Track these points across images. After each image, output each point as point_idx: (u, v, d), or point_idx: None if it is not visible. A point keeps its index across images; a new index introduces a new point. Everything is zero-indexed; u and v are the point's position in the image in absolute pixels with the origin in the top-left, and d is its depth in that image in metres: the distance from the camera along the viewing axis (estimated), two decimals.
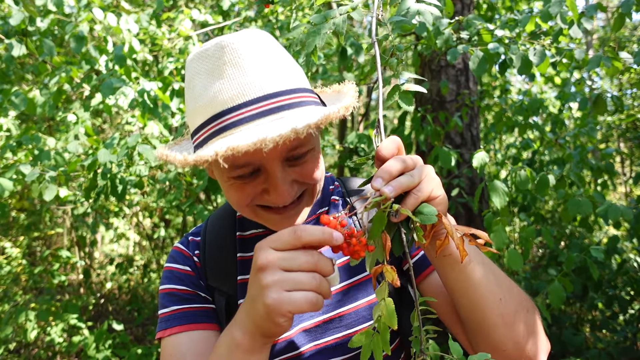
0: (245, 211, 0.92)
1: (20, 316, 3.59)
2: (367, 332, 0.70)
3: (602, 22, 10.84)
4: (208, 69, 0.85)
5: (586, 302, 3.79)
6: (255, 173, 0.86)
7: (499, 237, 1.99)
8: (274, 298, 0.68)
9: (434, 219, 0.72)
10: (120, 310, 5.71)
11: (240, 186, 0.87)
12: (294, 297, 0.68)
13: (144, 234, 6.09)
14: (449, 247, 0.80)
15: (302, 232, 0.69)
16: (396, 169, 0.73)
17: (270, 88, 0.81)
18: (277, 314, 0.68)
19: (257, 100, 0.80)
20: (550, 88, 5.85)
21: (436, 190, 0.75)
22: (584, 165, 3.04)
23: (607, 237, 4.65)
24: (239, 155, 0.72)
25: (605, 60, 1.91)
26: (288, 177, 0.86)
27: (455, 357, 0.67)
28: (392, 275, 0.69)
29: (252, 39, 0.85)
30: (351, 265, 0.78)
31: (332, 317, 0.99)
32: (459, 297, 0.86)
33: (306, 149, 0.86)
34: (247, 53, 0.83)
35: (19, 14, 2.46)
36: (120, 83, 2.52)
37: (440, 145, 3.12)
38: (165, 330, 0.99)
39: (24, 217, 5.35)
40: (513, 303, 0.87)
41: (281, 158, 0.84)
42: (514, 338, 0.87)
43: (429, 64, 3.66)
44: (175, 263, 1.08)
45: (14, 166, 2.50)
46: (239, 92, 0.80)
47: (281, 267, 0.69)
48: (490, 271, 0.86)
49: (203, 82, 0.85)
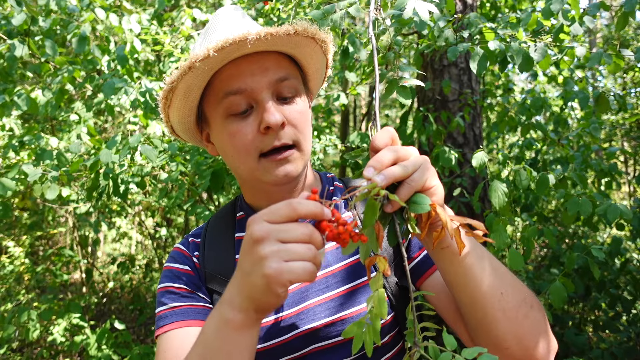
0: (249, 159, 0.96)
1: (22, 315, 3.60)
2: (359, 323, 0.70)
3: (606, 21, 10.79)
4: (201, 38, 1.04)
5: (589, 303, 3.77)
6: (249, 110, 0.95)
7: (499, 237, 1.98)
8: (274, 268, 0.68)
9: (427, 208, 0.71)
10: (123, 310, 5.72)
11: (237, 128, 0.95)
12: (293, 267, 0.68)
13: (146, 233, 6.10)
14: (446, 239, 0.79)
15: (297, 205, 0.70)
16: (388, 158, 0.73)
17: (256, 29, 0.91)
18: (278, 283, 0.68)
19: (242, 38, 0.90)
20: (553, 87, 5.83)
21: (430, 181, 0.75)
22: (588, 166, 3.01)
23: (610, 237, 4.63)
24: (226, 45, 0.86)
25: (606, 57, 1.89)
26: (278, 107, 0.95)
27: (449, 350, 0.65)
28: (384, 265, 0.69)
29: (238, 8, 1.06)
30: (343, 254, 0.79)
31: (334, 320, 0.99)
32: (459, 291, 0.85)
33: (292, 87, 0.98)
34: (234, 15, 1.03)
35: (21, 14, 2.47)
36: (122, 83, 2.53)
37: (442, 144, 3.12)
38: (164, 326, 0.99)
39: (27, 217, 5.37)
40: (515, 298, 0.85)
41: (270, 88, 0.94)
42: (517, 334, 0.84)
43: (431, 64, 3.65)
44: (174, 263, 1.09)
45: (16, 166, 2.51)
46: (228, 35, 0.90)
47: (278, 239, 0.69)
48: (490, 265, 0.84)
49: (196, 46, 1.02)
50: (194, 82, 0.93)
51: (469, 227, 0.76)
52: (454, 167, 2.73)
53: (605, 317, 3.78)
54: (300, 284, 1.02)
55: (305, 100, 1.03)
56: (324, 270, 1.03)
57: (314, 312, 1.00)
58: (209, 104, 0.99)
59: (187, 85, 0.93)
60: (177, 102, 0.97)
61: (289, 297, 1.01)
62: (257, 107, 0.95)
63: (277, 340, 0.98)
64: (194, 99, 0.99)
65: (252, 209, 1.10)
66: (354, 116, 7.58)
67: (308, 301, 1.01)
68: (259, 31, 0.87)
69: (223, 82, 0.94)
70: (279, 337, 0.98)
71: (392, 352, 1.04)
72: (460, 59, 3.59)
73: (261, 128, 0.93)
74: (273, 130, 0.93)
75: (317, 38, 0.97)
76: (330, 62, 1.08)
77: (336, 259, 1.05)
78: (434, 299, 1.00)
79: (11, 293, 4.42)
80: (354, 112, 7.50)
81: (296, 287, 1.02)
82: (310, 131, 1.03)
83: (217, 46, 0.86)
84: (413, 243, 1.07)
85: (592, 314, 4.07)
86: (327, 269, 1.03)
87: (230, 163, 1.02)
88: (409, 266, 1.05)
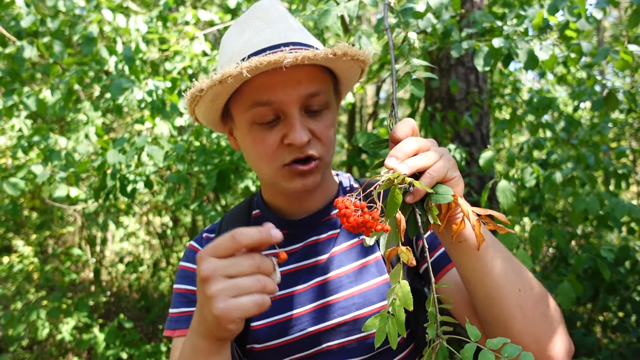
0: (270, 168, 0.96)
1: (32, 314, 3.63)
2: (381, 315, 0.68)
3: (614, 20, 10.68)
4: (239, 29, 0.97)
5: (598, 303, 3.74)
6: (275, 121, 0.93)
7: (507, 237, 1.97)
8: (220, 308, 0.68)
9: (449, 198, 0.70)
10: (131, 308, 5.76)
11: (261, 137, 0.93)
12: (241, 303, 0.69)
13: (153, 232, 6.14)
14: (464, 232, 0.77)
15: (240, 236, 0.70)
16: (411, 148, 0.72)
17: (295, 39, 0.91)
18: (227, 321, 0.69)
19: (284, 45, 0.89)
20: (561, 86, 5.78)
21: (452, 172, 0.74)
22: (600, 166, 2.98)
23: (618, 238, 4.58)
24: (261, 66, 0.82)
25: (613, 53, 1.87)
26: (305, 122, 0.93)
27: (474, 341, 0.63)
28: (407, 255, 0.67)
29: (277, 3, 0.99)
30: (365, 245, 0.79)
31: (346, 320, 0.99)
32: (476, 287, 0.83)
33: (322, 102, 0.94)
34: (273, 11, 0.96)
35: (30, 16, 2.49)
36: (129, 84, 2.54)
37: (448, 143, 3.10)
38: (174, 330, 1.02)
39: (36, 216, 5.42)
40: (533, 296, 0.83)
41: (299, 102, 0.91)
42: (534, 333, 0.82)
43: (438, 63, 3.64)
44: (188, 262, 1.09)
45: (25, 166, 2.53)
46: (267, 38, 0.90)
47: (224, 275, 0.69)
48: (509, 261, 0.82)
49: (234, 39, 0.96)
50: (223, 90, 0.91)
51: (490, 218, 0.74)
52: (462, 166, 2.71)
53: (614, 318, 3.74)
54: (313, 282, 1.02)
55: (334, 111, 1.01)
56: (337, 271, 1.03)
57: (325, 312, 1.00)
58: (236, 106, 0.97)
59: (216, 93, 0.92)
60: (203, 104, 0.96)
61: (301, 296, 1.01)
62: (284, 119, 0.93)
63: (287, 338, 0.99)
64: (221, 102, 0.97)
65: (269, 207, 1.10)
66: (360, 115, 7.57)
67: (320, 300, 1.01)
68: (296, 55, 0.83)
69: (252, 90, 0.91)
70: (289, 335, 0.99)
71: (403, 353, 1.04)
72: (467, 58, 3.57)
73: (285, 142, 0.92)
74: (297, 147, 0.93)
75: (356, 59, 0.93)
76: (365, 71, 1.04)
77: (349, 259, 1.05)
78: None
79: (21, 291, 4.46)
80: (360, 112, 7.49)
81: (308, 285, 1.03)
82: (334, 141, 1.01)
83: (250, 66, 0.82)
84: (428, 242, 1.07)
85: (601, 314, 4.04)
86: (340, 269, 1.03)
87: (251, 163, 1.02)
88: (422, 267, 1.05)
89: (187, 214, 5.78)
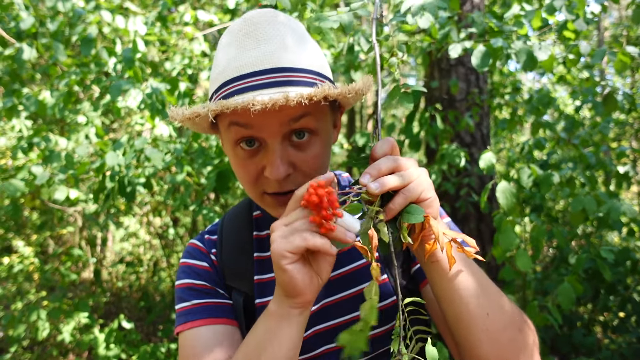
0: (253, 193, 0.94)
1: (32, 315, 3.64)
2: (351, 330, 0.72)
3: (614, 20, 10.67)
4: (229, 41, 0.88)
5: (598, 303, 3.73)
6: (256, 145, 0.86)
7: (507, 237, 1.97)
8: (274, 247, 0.74)
9: (420, 218, 0.73)
10: (132, 309, 5.76)
11: (243, 163, 0.89)
12: (290, 238, 0.74)
13: (153, 233, 6.14)
14: (437, 253, 0.79)
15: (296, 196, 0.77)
16: (386, 166, 0.75)
17: (283, 62, 0.82)
18: (279, 255, 0.73)
19: (267, 72, 0.82)
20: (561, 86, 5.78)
21: (426, 192, 0.76)
22: (602, 166, 2.97)
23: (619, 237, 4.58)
24: (227, 112, 0.78)
25: (610, 55, 1.87)
26: (286, 155, 0.86)
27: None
28: (377, 272, 0.73)
29: (275, 15, 0.88)
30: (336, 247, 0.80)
31: (347, 320, 1.00)
32: (445, 306, 0.85)
33: (308, 126, 0.85)
34: (266, 27, 0.86)
35: (29, 18, 2.49)
36: (129, 85, 2.54)
37: (449, 144, 3.10)
38: (187, 323, 0.98)
39: (37, 217, 5.42)
40: (502, 320, 0.84)
41: (280, 133, 0.83)
42: (500, 357, 0.83)
43: (438, 63, 3.63)
44: (192, 259, 1.08)
45: (25, 167, 2.53)
46: (251, 61, 0.83)
47: (282, 224, 0.76)
48: (479, 284, 0.83)
49: (223, 53, 0.89)
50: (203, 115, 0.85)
51: (461, 243, 0.77)
52: (461, 167, 2.71)
53: (614, 318, 3.74)
54: None
55: (327, 133, 0.91)
56: (339, 270, 1.03)
57: (327, 312, 1.00)
58: (220, 121, 0.91)
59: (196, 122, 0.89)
60: (187, 124, 0.92)
61: None
62: (265, 148, 0.86)
63: None
64: (204, 124, 0.94)
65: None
66: (360, 116, 7.57)
67: (323, 301, 1.01)
68: (264, 102, 0.75)
69: (232, 111, 0.82)
70: None
71: None
72: (467, 58, 3.57)
73: (265, 174, 0.88)
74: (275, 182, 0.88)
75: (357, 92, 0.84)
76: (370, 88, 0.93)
77: (351, 259, 1.05)
78: (428, 306, 1.01)
79: (21, 292, 4.47)
80: (360, 112, 7.49)
81: None
82: (326, 167, 0.94)
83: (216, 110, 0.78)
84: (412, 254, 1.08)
85: (601, 315, 4.04)
86: (342, 269, 1.04)
87: (237, 178, 1.02)
88: (411, 270, 1.05)
89: (188, 215, 5.78)
